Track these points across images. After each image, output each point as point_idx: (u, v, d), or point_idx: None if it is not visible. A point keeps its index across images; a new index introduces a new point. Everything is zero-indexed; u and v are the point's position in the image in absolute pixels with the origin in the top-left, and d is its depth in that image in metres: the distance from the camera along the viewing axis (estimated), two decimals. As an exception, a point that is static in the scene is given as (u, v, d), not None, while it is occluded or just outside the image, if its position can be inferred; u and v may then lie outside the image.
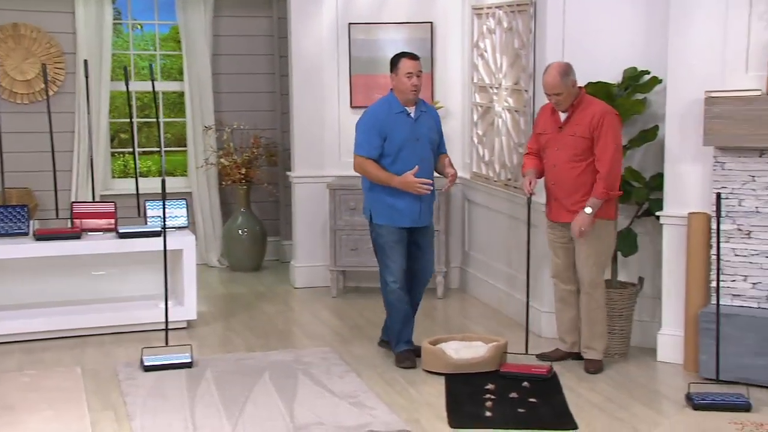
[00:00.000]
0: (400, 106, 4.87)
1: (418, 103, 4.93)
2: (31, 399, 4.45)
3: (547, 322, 5.36)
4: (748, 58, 4.59)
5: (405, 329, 4.97)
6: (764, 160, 4.56)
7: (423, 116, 4.92)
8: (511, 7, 5.70)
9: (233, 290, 6.74)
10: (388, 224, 4.90)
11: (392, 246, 4.91)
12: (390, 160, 4.85)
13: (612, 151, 4.61)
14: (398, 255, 4.92)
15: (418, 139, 4.86)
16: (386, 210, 4.89)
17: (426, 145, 4.89)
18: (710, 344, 4.55)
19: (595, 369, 4.77)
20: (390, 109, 4.87)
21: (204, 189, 7.36)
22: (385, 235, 4.92)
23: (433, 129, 4.96)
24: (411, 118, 4.88)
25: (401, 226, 4.89)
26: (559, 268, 4.92)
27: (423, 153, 4.87)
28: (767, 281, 4.60)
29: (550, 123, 4.80)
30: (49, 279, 5.68)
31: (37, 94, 6.99)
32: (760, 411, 4.22)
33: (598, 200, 4.62)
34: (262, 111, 7.51)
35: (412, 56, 4.89)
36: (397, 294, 4.92)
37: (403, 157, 4.82)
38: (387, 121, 4.84)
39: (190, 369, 4.84)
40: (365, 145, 4.87)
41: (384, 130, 4.83)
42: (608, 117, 4.64)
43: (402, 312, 4.95)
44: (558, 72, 4.62)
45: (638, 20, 5.07)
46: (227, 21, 7.38)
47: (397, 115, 4.86)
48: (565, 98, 4.66)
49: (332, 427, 4.06)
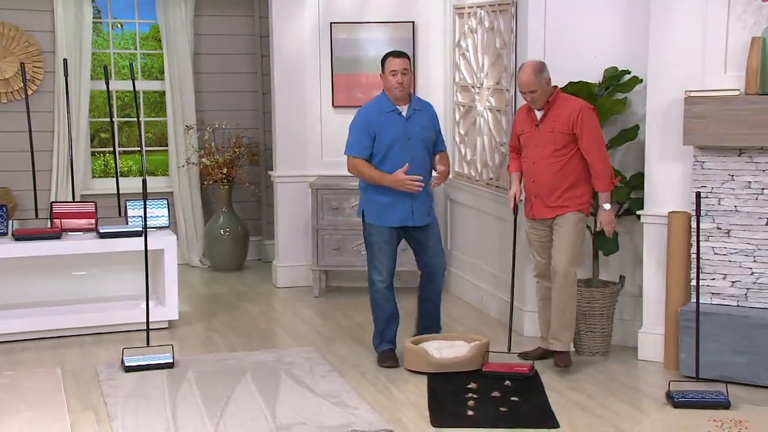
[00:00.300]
0: (391, 105, 4.87)
1: (412, 102, 4.92)
2: (10, 400, 4.41)
3: (530, 322, 5.38)
4: (726, 58, 4.63)
5: (388, 328, 4.98)
6: (743, 159, 4.60)
7: (416, 114, 4.91)
8: (493, 6, 5.72)
9: (215, 290, 6.71)
10: (377, 224, 4.91)
11: (381, 246, 4.91)
12: (379, 159, 4.85)
13: (599, 144, 4.70)
14: (386, 256, 4.92)
15: (409, 138, 4.85)
16: (377, 209, 4.90)
17: (418, 143, 4.87)
18: (690, 342, 4.59)
19: (564, 363, 4.76)
20: (380, 108, 4.88)
21: (185, 189, 7.33)
22: (375, 234, 4.92)
23: (427, 127, 4.93)
24: (402, 117, 4.87)
25: (391, 225, 4.89)
26: (542, 267, 4.94)
27: (414, 152, 4.86)
28: (746, 280, 4.64)
29: (527, 122, 4.84)
30: (28, 279, 5.64)
31: (15, 93, 6.93)
32: (740, 408, 4.26)
33: (607, 194, 4.74)
34: (244, 110, 7.49)
35: (397, 54, 4.90)
36: (382, 293, 4.93)
37: (393, 156, 4.83)
38: (377, 120, 4.85)
39: (172, 369, 4.82)
40: (355, 145, 4.88)
41: (373, 130, 4.84)
42: (586, 111, 4.70)
43: (386, 311, 4.96)
44: (532, 70, 4.67)
45: (619, 20, 5.10)
46: (208, 20, 7.35)
47: (387, 114, 4.86)
48: (540, 95, 4.71)
49: (314, 426, 4.06)
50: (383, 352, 4.96)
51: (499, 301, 5.75)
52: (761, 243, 4.59)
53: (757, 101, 4.45)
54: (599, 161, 4.69)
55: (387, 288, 4.93)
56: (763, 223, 4.59)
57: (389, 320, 4.98)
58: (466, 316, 5.96)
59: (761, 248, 4.59)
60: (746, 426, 4.04)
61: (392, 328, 5.00)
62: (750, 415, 4.18)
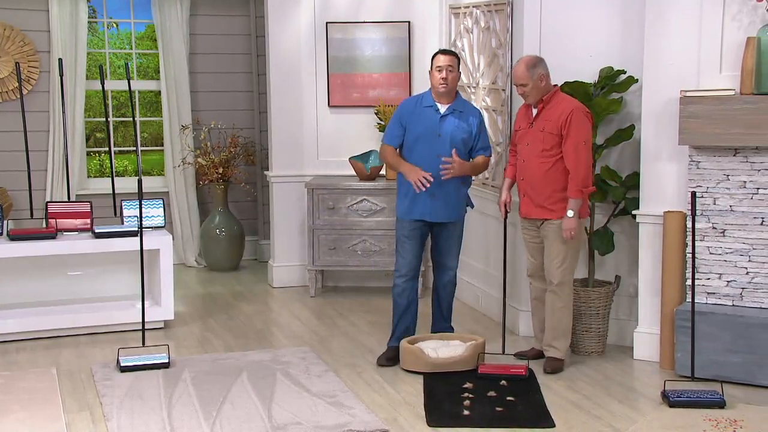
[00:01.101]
0: (432, 100, 4.93)
1: (456, 101, 4.92)
2: (5, 401, 4.40)
3: (525, 321, 5.39)
4: (721, 58, 4.63)
5: (399, 325, 5.02)
6: (738, 159, 4.61)
7: (455, 114, 4.90)
8: (489, 6, 5.72)
9: (211, 290, 6.71)
10: (402, 217, 4.99)
11: (403, 241, 4.98)
12: (407, 151, 4.93)
13: (577, 148, 4.61)
14: (407, 250, 4.96)
15: (439, 135, 4.87)
16: (403, 202, 4.98)
17: (447, 142, 4.86)
18: (686, 342, 4.60)
19: (553, 369, 4.76)
20: (420, 101, 4.96)
21: (181, 188, 7.32)
22: (399, 228, 5.02)
23: (463, 129, 4.89)
24: (438, 113, 4.89)
25: (412, 218, 4.92)
26: (535, 268, 4.94)
27: (442, 150, 4.85)
28: (741, 279, 4.65)
29: (524, 119, 4.85)
30: (23, 279, 5.63)
31: (10, 92, 6.91)
32: (735, 407, 4.27)
33: (576, 200, 4.65)
34: (240, 110, 7.48)
35: (445, 51, 4.95)
36: (400, 288, 4.98)
37: (419, 150, 4.87)
38: (412, 112, 4.92)
39: (168, 369, 4.81)
40: (388, 133, 5.00)
41: (405, 120, 4.92)
42: (576, 114, 4.66)
43: (400, 307, 5.00)
44: (525, 64, 4.68)
45: (614, 20, 5.10)
46: (204, 20, 7.34)
47: (424, 109, 4.92)
48: (531, 90, 4.69)
49: (311, 426, 4.06)
50: (386, 350, 5.01)
51: (495, 301, 5.75)
52: (756, 243, 4.60)
53: (753, 101, 4.46)
54: (575, 165, 4.61)
55: (406, 282, 4.97)
56: (758, 222, 4.60)
57: (402, 316, 5.01)
58: (462, 315, 5.96)
59: (756, 248, 4.60)
60: (741, 425, 4.05)
61: (402, 325, 5.01)
62: (745, 414, 4.18)
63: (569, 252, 4.76)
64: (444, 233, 4.99)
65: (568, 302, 4.81)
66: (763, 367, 4.50)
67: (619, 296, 5.20)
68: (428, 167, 4.81)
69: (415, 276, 4.99)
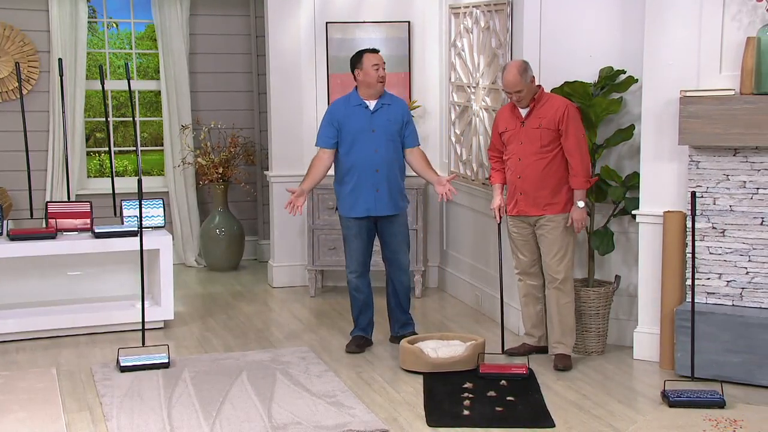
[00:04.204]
0: (359, 99, 5.11)
1: (382, 96, 5.12)
2: (5, 401, 4.40)
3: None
4: (721, 58, 4.63)
5: (361, 317, 5.21)
6: (738, 159, 4.61)
7: (384, 108, 5.11)
8: (489, 6, 5.72)
9: (211, 290, 6.71)
10: (346, 215, 5.12)
11: (351, 239, 5.12)
12: (346, 149, 5.07)
13: (581, 142, 4.75)
14: (355, 248, 5.12)
15: (374, 130, 5.04)
16: (344, 200, 5.11)
17: (382, 136, 5.06)
18: (685, 342, 4.60)
19: (564, 365, 4.79)
20: (348, 102, 5.14)
21: (181, 188, 7.32)
22: (345, 227, 5.16)
23: (394, 121, 5.11)
24: (368, 110, 5.08)
25: (357, 216, 5.05)
26: (524, 265, 4.97)
27: (378, 144, 5.05)
28: (741, 279, 4.65)
29: (511, 120, 4.89)
30: (23, 279, 5.63)
31: (10, 92, 6.91)
32: (735, 407, 4.27)
33: (583, 192, 4.77)
34: (240, 110, 7.49)
35: (374, 50, 5.18)
36: (353, 284, 5.16)
37: (358, 147, 5.04)
38: (344, 113, 5.08)
39: (167, 369, 4.81)
40: (321, 136, 5.15)
41: (337, 121, 5.07)
42: (572, 109, 4.79)
43: (358, 301, 5.19)
44: (517, 70, 4.74)
45: (614, 20, 5.10)
46: (204, 19, 7.34)
47: (354, 108, 5.09)
48: (526, 95, 4.77)
49: (311, 426, 4.06)
50: (352, 338, 5.18)
51: (494, 301, 5.75)
52: (756, 242, 4.60)
53: (752, 101, 4.46)
54: (579, 158, 4.74)
55: (358, 278, 5.14)
56: (758, 222, 4.60)
57: (361, 309, 5.20)
58: (461, 315, 5.97)
59: (756, 248, 4.60)
60: (741, 425, 4.05)
61: (365, 317, 5.21)
62: (745, 414, 4.18)
63: (569, 247, 4.81)
64: (390, 228, 5.13)
65: (572, 297, 4.87)
66: (763, 367, 4.50)
67: (619, 296, 5.20)
68: (368, 162, 5.02)
69: (366, 271, 5.19)
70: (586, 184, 4.76)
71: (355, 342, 5.17)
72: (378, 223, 5.13)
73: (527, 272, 4.98)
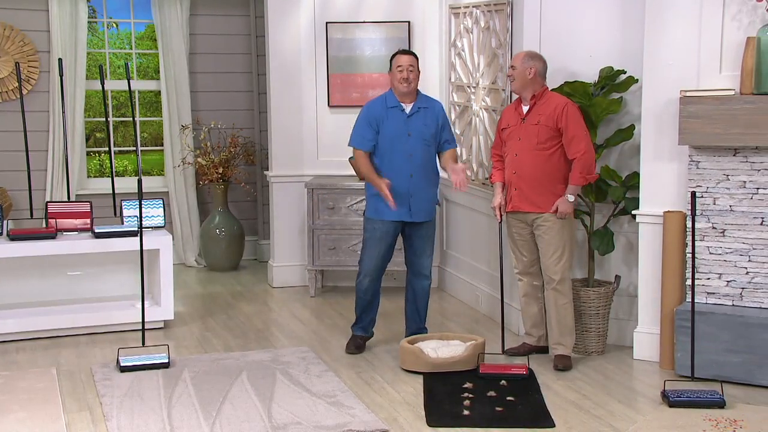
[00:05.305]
0: (396, 101, 5.01)
1: (418, 99, 5.03)
2: (5, 401, 4.40)
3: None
4: (721, 58, 4.63)
5: (363, 316, 5.17)
6: (738, 158, 4.61)
7: (420, 112, 5.01)
8: (489, 6, 5.72)
9: (211, 290, 6.71)
10: (373, 217, 5.02)
11: (373, 242, 5.02)
12: (381, 153, 4.98)
13: (582, 136, 4.74)
14: (376, 252, 5.03)
15: (409, 135, 4.96)
16: (376, 203, 5.00)
17: (418, 141, 4.97)
18: (685, 342, 4.60)
19: (564, 366, 4.80)
20: (385, 103, 5.03)
21: (181, 188, 7.32)
22: (369, 229, 5.05)
23: (430, 125, 5.02)
24: (404, 114, 4.98)
25: (388, 219, 4.96)
26: (524, 265, 4.98)
27: (414, 149, 4.96)
28: (741, 279, 4.65)
29: (513, 116, 4.91)
30: (23, 279, 5.63)
31: (10, 92, 6.91)
32: (735, 407, 4.27)
33: (577, 187, 4.76)
34: (240, 110, 7.49)
35: (404, 51, 5.08)
36: (364, 286, 5.11)
37: (392, 151, 4.95)
38: (382, 114, 4.98)
39: (167, 369, 4.81)
40: (356, 137, 5.03)
41: (375, 121, 4.97)
42: (571, 106, 4.78)
43: (363, 302, 5.15)
44: (526, 52, 4.83)
45: (614, 20, 5.11)
46: (204, 19, 7.34)
47: (390, 110, 4.99)
48: (518, 75, 4.79)
49: (311, 426, 4.06)
50: (352, 339, 5.16)
51: (494, 300, 5.75)
52: (756, 242, 4.60)
53: (752, 101, 4.46)
54: (581, 150, 4.70)
55: (371, 282, 5.08)
56: (758, 222, 4.60)
57: (366, 309, 5.16)
58: (461, 314, 5.97)
59: (756, 248, 4.60)
60: (741, 425, 4.05)
61: (367, 317, 5.17)
62: (745, 414, 4.18)
63: (566, 247, 4.81)
64: (418, 233, 5.05)
65: (570, 298, 4.87)
66: (763, 367, 4.50)
67: (619, 296, 5.20)
68: (402, 168, 4.94)
69: (380, 276, 5.10)
70: (580, 180, 4.74)
71: (354, 343, 5.15)
72: (406, 227, 5.04)
73: (527, 272, 4.98)
